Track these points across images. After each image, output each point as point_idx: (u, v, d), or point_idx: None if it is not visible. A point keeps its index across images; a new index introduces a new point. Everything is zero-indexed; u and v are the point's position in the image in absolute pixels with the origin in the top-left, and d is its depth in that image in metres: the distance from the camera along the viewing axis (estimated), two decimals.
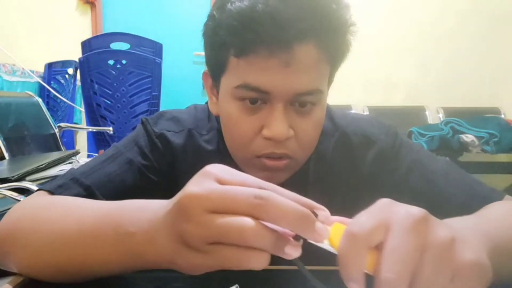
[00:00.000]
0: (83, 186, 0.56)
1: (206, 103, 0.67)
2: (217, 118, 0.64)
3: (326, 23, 0.51)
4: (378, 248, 0.29)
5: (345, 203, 0.64)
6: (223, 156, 0.62)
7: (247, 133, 0.53)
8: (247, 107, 0.53)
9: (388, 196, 0.69)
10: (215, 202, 0.30)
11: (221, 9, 0.52)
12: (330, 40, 0.51)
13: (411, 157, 0.62)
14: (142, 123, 0.65)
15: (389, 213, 0.30)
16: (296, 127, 0.53)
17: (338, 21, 0.52)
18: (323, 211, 0.32)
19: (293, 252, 0.30)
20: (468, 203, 0.55)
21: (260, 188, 0.31)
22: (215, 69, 0.56)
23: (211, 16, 0.54)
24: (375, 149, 0.63)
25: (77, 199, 0.50)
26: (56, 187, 0.55)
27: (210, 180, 0.31)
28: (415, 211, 0.30)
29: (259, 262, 0.30)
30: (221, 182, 0.31)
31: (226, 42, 0.51)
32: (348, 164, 0.63)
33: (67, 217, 0.44)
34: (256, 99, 0.52)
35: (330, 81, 0.58)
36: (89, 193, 0.55)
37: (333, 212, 0.32)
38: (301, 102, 0.52)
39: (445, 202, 0.57)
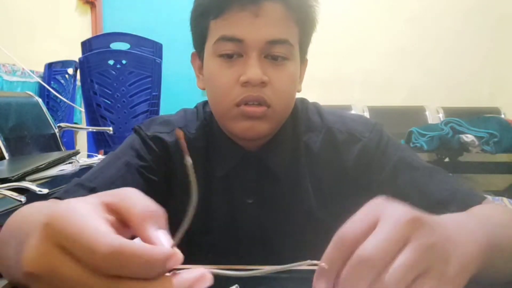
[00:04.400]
0: (88, 189, 0.59)
1: (195, 107, 0.73)
2: (205, 116, 0.69)
3: None
4: None
5: (335, 198, 0.66)
6: (211, 152, 0.67)
7: (226, 84, 0.60)
8: (225, 62, 0.60)
9: (374, 194, 0.70)
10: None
11: None
12: (296, 2, 0.60)
13: (397, 155, 0.64)
14: (135, 130, 0.69)
15: (379, 211, 0.32)
16: (270, 75, 0.59)
17: None
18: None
19: None
20: (449, 200, 0.57)
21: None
22: (200, 41, 0.64)
23: None
24: (359, 145, 0.65)
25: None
26: (63, 193, 0.59)
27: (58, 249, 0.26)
28: (407, 209, 0.31)
29: None
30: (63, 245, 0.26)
31: (206, 8, 0.60)
32: (334, 160, 0.66)
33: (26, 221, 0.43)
34: (232, 53, 0.59)
35: (302, 50, 0.64)
36: None
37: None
38: (273, 55, 0.59)
39: (426, 198, 0.58)
